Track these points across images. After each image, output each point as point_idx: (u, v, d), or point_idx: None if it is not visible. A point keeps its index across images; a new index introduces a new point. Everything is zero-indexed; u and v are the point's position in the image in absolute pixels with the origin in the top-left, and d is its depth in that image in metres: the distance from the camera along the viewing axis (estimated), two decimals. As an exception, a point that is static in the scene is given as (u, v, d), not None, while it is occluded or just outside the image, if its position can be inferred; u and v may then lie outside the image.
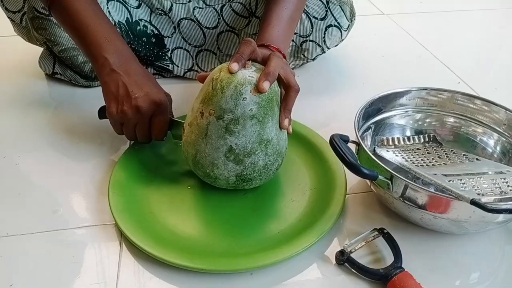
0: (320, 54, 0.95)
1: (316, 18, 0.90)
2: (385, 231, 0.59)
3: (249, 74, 0.60)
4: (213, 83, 0.59)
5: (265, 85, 0.58)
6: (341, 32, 0.92)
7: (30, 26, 0.85)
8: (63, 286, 0.54)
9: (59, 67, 0.91)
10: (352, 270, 0.56)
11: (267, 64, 0.61)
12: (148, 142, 0.70)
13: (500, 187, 0.59)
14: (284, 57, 0.70)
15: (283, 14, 0.75)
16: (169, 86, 0.87)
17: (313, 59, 0.96)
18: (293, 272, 0.56)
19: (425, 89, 0.73)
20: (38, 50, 0.93)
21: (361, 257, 0.57)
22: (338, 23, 0.91)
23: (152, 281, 0.55)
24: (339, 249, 0.57)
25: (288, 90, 0.63)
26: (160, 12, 0.88)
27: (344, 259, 0.56)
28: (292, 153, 0.71)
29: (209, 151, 0.61)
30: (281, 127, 0.62)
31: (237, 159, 0.61)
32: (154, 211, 0.63)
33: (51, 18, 0.82)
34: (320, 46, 0.93)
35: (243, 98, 0.58)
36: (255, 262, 0.55)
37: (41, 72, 0.95)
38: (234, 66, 0.59)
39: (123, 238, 0.59)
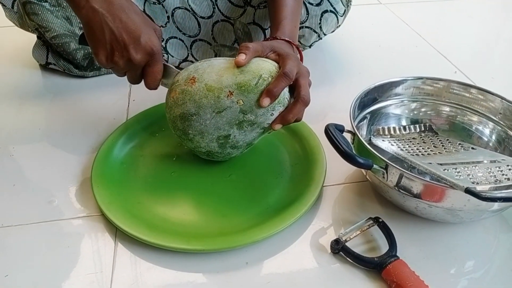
0: (316, 41, 0.94)
1: (312, 4, 0.88)
2: (380, 220, 0.59)
3: (287, 95, 0.61)
4: (259, 81, 0.58)
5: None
6: (337, 17, 0.91)
7: (22, 11, 0.84)
8: (59, 276, 0.55)
9: (53, 57, 0.91)
10: (347, 258, 0.56)
11: (300, 97, 0.60)
12: (137, 83, 0.65)
13: (495, 175, 0.60)
14: (300, 53, 0.70)
15: (294, 5, 0.75)
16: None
17: (310, 46, 0.95)
18: (288, 261, 0.57)
19: (421, 78, 0.73)
20: (32, 41, 0.93)
21: (356, 246, 0.57)
22: (334, 8, 0.90)
23: (148, 269, 0.55)
24: (334, 238, 0.57)
25: (296, 100, 0.61)
26: (154, 1, 0.87)
27: (339, 248, 0.56)
28: (270, 135, 0.71)
29: (209, 124, 0.61)
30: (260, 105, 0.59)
31: (223, 146, 0.63)
32: (141, 200, 0.63)
33: (43, 3, 0.82)
34: (316, 33, 0.92)
35: (271, 114, 0.60)
36: (252, 237, 0.57)
37: (35, 63, 0.95)
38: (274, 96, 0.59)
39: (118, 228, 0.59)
